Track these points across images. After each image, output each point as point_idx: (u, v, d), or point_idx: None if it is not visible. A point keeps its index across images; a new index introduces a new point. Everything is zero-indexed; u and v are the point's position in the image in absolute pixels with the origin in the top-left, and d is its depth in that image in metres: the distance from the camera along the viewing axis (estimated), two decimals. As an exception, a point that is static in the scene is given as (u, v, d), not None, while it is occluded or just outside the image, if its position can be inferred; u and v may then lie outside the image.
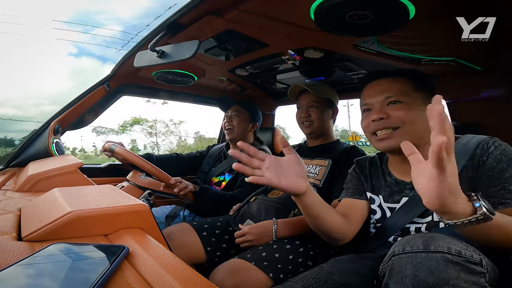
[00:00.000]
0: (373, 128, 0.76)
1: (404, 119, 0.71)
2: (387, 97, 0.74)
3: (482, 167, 0.65)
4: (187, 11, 0.78)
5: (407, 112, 0.72)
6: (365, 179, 0.87)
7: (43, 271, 0.34)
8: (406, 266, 0.48)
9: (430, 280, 0.45)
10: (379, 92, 0.76)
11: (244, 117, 1.53)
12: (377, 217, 0.81)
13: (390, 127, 0.73)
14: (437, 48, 0.90)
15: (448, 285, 0.44)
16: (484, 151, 0.66)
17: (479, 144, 0.68)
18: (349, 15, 0.68)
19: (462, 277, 0.45)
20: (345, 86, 1.46)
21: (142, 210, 0.53)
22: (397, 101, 0.73)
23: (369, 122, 0.76)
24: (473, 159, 0.67)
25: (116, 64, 1.35)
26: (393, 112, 0.73)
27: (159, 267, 0.36)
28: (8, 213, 0.57)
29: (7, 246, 0.40)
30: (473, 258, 0.47)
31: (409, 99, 0.73)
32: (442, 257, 0.46)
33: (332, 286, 0.70)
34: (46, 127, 1.35)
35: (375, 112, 0.75)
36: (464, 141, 0.71)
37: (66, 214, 0.46)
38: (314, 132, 1.23)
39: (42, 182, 0.86)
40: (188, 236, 1.05)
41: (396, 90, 0.74)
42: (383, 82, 0.77)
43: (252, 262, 0.84)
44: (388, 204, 0.80)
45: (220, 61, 1.23)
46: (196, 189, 1.24)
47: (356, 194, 0.86)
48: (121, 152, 1.23)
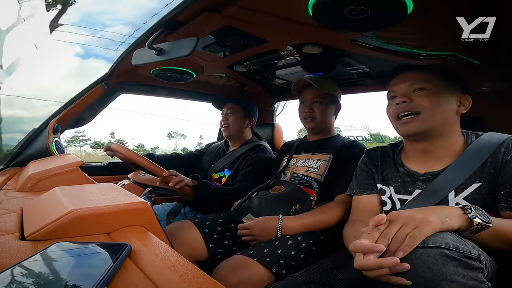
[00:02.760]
0: (396, 111, 0.78)
1: (426, 105, 0.73)
2: (412, 84, 0.77)
3: (506, 165, 0.65)
4: (184, 8, 0.78)
5: (429, 98, 0.74)
6: (375, 170, 0.87)
7: (47, 270, 0.34)
8: (405, 262, 0.49)
9: (428, 275, 0.45)
10: (404, 80, 0.79)
11: (239, 113, 1.53)
12: (386, 209, 0.82)
13: (412, 111, 0.75)
14: (435, 43, 0.89)
15: (446, 280, 0.44)
16: (509, 149, 0.66)
17: (503, 142, 0.68)
18: (347, 10, 0.68)
19: (460, 272, 0.45)
20: (344, 81, 1.46)
21: (144, 208, 0.53)
22: (421, 88, 0.76)
23: (393, 107, 0.79)
24: (496, 156, 0.67)
25: (114, 62, 1.34)
26: (416, 97, 0.75)
27: (161, 265, 0.37)
28: (10, 213, 0.58)
29: (10, 246, 0.41)
30: (471, 254, 0.47)
31: (433, 86, 0.75)
32: (440, 252, 0.46)
33: (334, 282, 0.71)
34: (46, 126, 1.35)
35: (399, 96, 0.78)
36: (487, 139, 0.72)
37: (68, 213, 0.46)
38: (317, 128, 1.23)
39: (43, 181, 0.87)
40: (190, 233, 1.05)
41: (420, 78, 0.77)
42: (410, 73, 0.79)
43: (254, 258, 0.85)
44: (399, 196, 0.80)
45: (218, 58, 1.23)
46: (194, 183, 1.23)
47: (367, 189, 0.87)
48: (116, 148, 1.24)
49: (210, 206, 1.27)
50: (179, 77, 1.44)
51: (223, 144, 1.63)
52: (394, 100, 0.79)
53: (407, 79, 0.78)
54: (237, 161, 1.45)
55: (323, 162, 1.14)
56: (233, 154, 1.51)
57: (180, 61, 1.30)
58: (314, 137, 1.26)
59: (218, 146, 1.66)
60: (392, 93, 0.81)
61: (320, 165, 1.14)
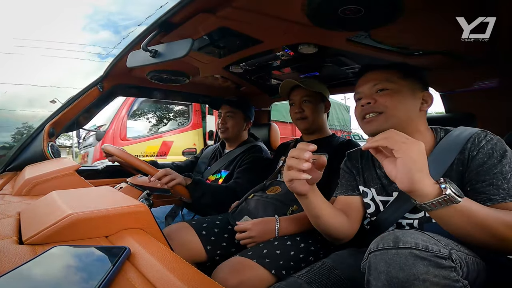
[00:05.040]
0: (361, 112, 0.79)
1: (388, 104, 0.74)
2: (375, 85, 0.78)
3: (472, 162, 0.65)
4: (179, 9, 0.78)
5: (392, 97, 0.74)
6: (357, 172, 0.87)
7: (46, 274, 0.34)
8: (380, 263, 0.50)
9: (401, 276, 0.46)
10: (368, 81, 0.80)
11: (239, 117, 1.52)
12: (370, 211, 0.82)
13: (375, 111, 0.76)
14: (430, 41, 0.90)
15: (418, 280, 0.45)
16: (475, 145, 0.65)
17: (470, 138, 0.67)
18: (341, 10, 0.68)
19: (431, 271, 0.46)
20: (339, 81, 1.46)
21: (142, 211, 0.53)
22: (384, 88, 0.76)
23: (359, 108, 0.80)
24: (463, 153, 0.67)
25: (108, 65, 1.33)
26: (379, 97, 0.76)
27: (161, 267, 0.37)
28: (8, 217, 0.57)
29: (9, 250, 0.41)
30: (441, 253, 0.47)
31: (395, 86, 0.75)
32: (410, 253, 0.47)
33: (335, 281, 0.71)
34: (41, 131, 1.34)
35: (364, 98, 0.79)
36: (456, 134, 0.71)
37: (66, 217, 0.46)
38: (310, 127, 1.23)
39: (40, 185, 0.86)
40: (188, 235, 1.05)
41: (382, 78, 0.77)
42: (373, 73, 0.80)
43: (254, 260, 0.85)
44: (381, 197, 0.80)
45: (214, 59, 1.23)
46: (187, 182, 1.21)
47: (349, 190, 0.87)
48: (110, 149, 1.24)
49: (205, 204, 1.26)
50: (175, 78, 1.44)
51: (219, 146, 1.63)
52: (360, 101, 0.80)
53: (370, 79, 0.79)
54: (234, 161, 1.45)
55: None
56: (229, 155, 1.50)
57: (175, 63, 1.29)
58: (309, 138, 1.27)
59: (214, 148, 1.66)
60: (358, 94, 0.83)
61: None
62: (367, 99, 0.77)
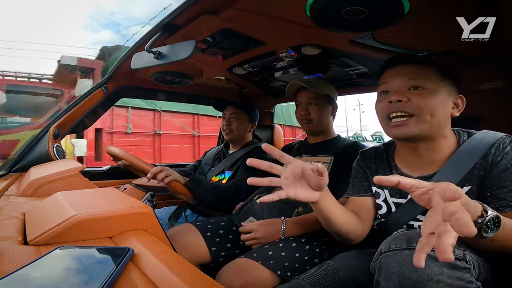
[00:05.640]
0: (388, 110, 0.70)
1: (424, 107, 0.66)
2: (410, 79, 0.69)
3: (495, 167, 0.62)
4: (182, 11, 0.78)
5: (427, 99, 0.67)
6: (370, 172, 0.84)
7: (50, 274, 0.34)
8: (392, 264, 0.49)
9: (414, 277, 0.46)
10: (401, 74, 0.70)
11: (244, 119, 1.52)
12: (382, 212, 0.80)
13: (407, 112, 0.67)
14: (434, 42, 0.89)
15: (432, 281, 0.45)
16: (500, 151, 0.63)
17: (494, 143, 0.64)
18: (344, 11, 0.68)
19: (445, 272, 0.45)
20: (343, 82, 1.46)
21: (146, 212, 0.54)
22: (420, 87, 0.68)
23: (385, 104, 0.71)
24: (486, 158, 0.64)
25: (113, 66, 1.35)
26: (413, 96, 0.67)
27: (164, 269, 0.37)
28: (12, 218, 0.58)
29: (13, 251, 0.41)
30: (456, 254, 0.46)
31: (433, 86, 0.68)
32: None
33: (339, 282, 0.70)
34: (46, 132, 1.35)
35: (394, 94, 0.70)
36: (480, 138, 0.67)
37: (70, 218, 0.46)
38: (315, 129, 1.22)
39: (45, 186, 0.87)
40: (192, 236, 1.05)
41: (419, 74, 0.69)
42: (407, 67, 0.71)
43: (258, 261, 0.85)
44: (394, 199, 0.77)
45: (217, 61, 1.23)
46: (185, 180, 1.20)
47: (361, 191, 0.84)
48: (113, 150, 1.25)
49: (209, 202, 1.25)
50: (178, 80, 1.44)
51: (222, 148, 1.63)
52: (387, 96, 0.71)
53: (404, 73, 0.70)
54: (237, 162, 1.45)
55: (325, 164, 1.14)
56: (233, 156, 1.51)
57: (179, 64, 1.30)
58: (314, 139, 1.26)
59: (217, 150, 1.66)
60: (385, 86, 0.73)
61: None
62: (399, 95, 0.68)
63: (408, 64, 0.72)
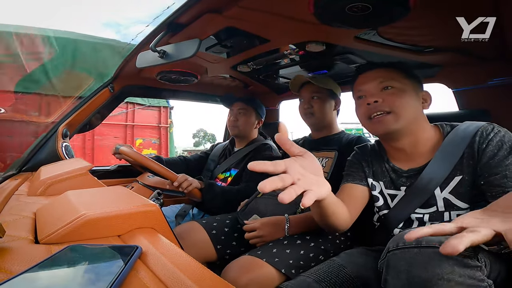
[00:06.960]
0: (368, 112, 0.77)
1: (397, 104, 0.74)
2: (381, 82, 0.77)
3: (483, 155, 0.64)
4: (186, 9, 0.78)
5: (399, 96, 0.74)
6: (366, 165, 0.87)
7: (61, 272, 0.35)
8: (400, 262, 0.48)
9: (424, 275, 0.45)
10: (373, 79, 0.78)
11: (251, 114, 1.52)
12: (379, 205, 0.82)
13: (384, 110, 0.75)
14: (439, 38, 0.88)
15: (443, 280, 0.44)
16: (483, 138, 0.66)
17: (477, 131, 0.67)
18: (348, 7, 0.67)
19: (456, 271, 0.44)
20: (348, 79, 1.45)
21: (153, 210, 0.54)
22: (390, 86, 0.76)
23: (364, 107, 0.78)
24: (472, 147, 0.67)
25: (118, 66, 1.36)
26: (386, 96, 0.75)
27: (172, 266, 0.37)
28: (24, 217, 0.59)
29: (25, 249, 0.42)
30: (467, 252, 0.46)
31: (400, 85, 0.75)
32: (434, 251, 0.46)
33: (344, 279, 0.70)
34: (55, 132, 1.37)
35: (370, 96, 0.77)
36: (463, 128, 0.71)
37: (80, 217, 0.47)
38: (317, 124, 1.22)
39: (54, 185, 0.88)
40: (198, 234, 1.06)
41: (387, 76, 0.77)
42: (376, 71, 0.79)
43: (263, 259, 0.85)
44: (389, 191, 0.81)
45: (221, 59, 1.23)
46: (201, 185, 1.24)
47: (356, 179, 0.86)
48: (126, 151, 1.26)
49: (216, 207, 1.28)
50: (183, 79, 1.45)
51: (228, 145, 1.64)
52: (364, 100, 0.78)
53: (374, 77, 0.78)
54: (243, 160, 1.46)
55: (329, 159, 1.14)
56: (238, 154, 1.51)
57: (183, 63, 1.30)
58: (318, 135, 1.26)
59: (224, 147, 1.67)
60: (360, 92, 0.81)
61: (326, 162, 1.14)
62: (374, 97, 0.76)
63: (376, 69, 0.80)
